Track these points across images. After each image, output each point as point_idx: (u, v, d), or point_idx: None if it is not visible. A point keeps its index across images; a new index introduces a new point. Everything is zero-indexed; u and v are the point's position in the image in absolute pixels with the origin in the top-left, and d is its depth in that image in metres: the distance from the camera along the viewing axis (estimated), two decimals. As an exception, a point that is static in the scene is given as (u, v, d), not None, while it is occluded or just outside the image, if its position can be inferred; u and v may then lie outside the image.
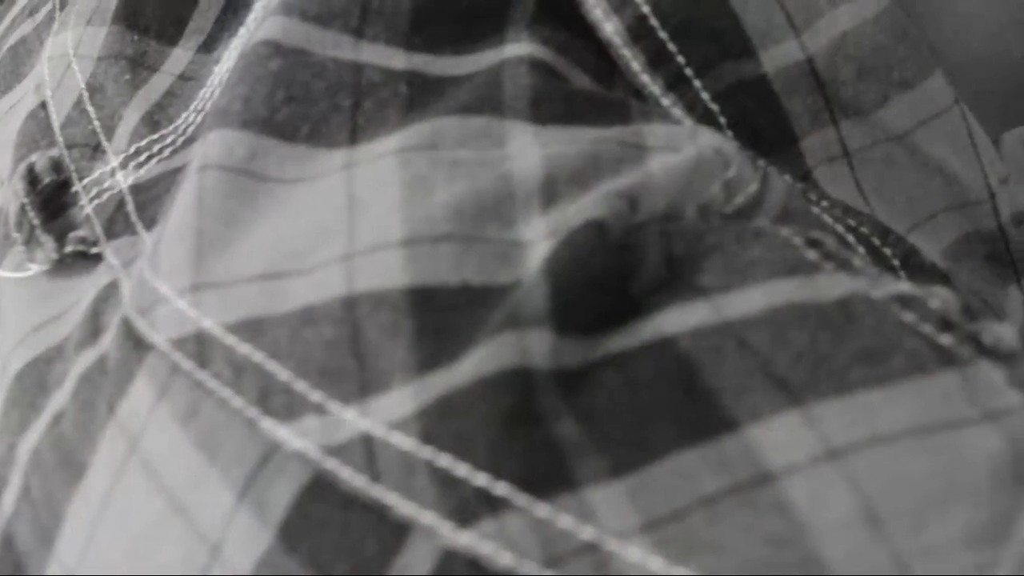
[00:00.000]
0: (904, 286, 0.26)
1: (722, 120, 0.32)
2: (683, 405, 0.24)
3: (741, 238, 0.26)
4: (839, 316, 0.25)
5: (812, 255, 0.26)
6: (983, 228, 0.36)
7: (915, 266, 0.33)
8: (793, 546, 0.22)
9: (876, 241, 0.33)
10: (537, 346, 0.24)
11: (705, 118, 0.32)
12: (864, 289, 0.26)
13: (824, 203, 0.33)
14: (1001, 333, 0.26)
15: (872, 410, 0.23)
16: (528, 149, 0.28)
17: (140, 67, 0.37)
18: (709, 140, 0.29)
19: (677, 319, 0.25)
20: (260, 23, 0.31)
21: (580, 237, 0.25)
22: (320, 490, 0.24)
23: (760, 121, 0.33)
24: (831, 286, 0.25)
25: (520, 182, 0.27)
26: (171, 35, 0.37)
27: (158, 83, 0.36)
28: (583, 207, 0.26)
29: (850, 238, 0.32)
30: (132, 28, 0.37)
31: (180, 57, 0.36)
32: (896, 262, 0.33)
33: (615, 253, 0.25)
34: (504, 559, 0.23)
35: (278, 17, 0.31)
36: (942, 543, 0.22)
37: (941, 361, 0.24)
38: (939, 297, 0.26)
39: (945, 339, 0.25)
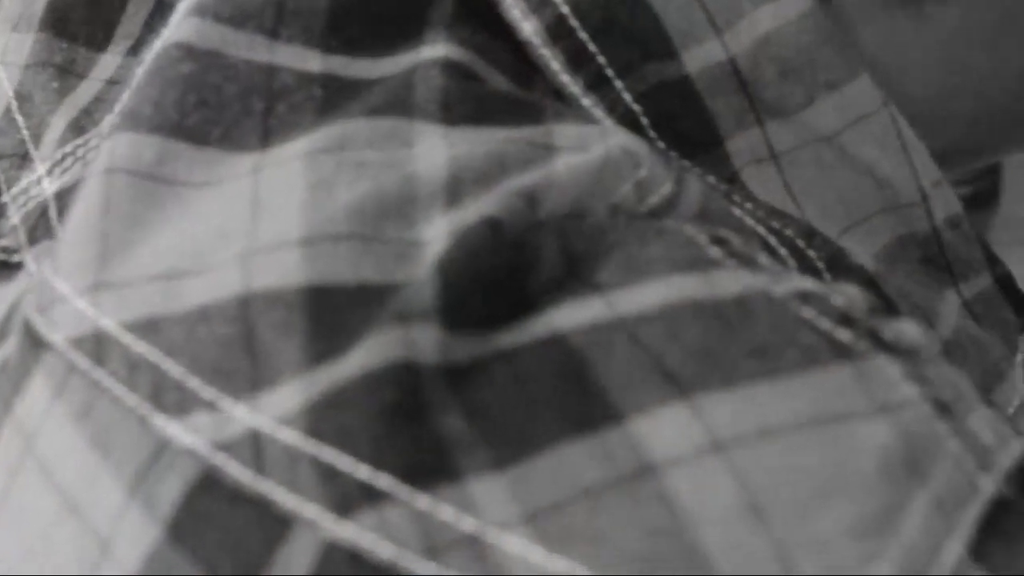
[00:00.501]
0: (807, 283, 0.26)
1: (644, 121, 0.32)
2: (570, 399, 0.23)
3: (643, 236, 0.26)
4: (735, 312, 0.25)
5: (715, 252, 0.26)
6: (917, 231, 0.36)
7: (842, 268, 0.33)
8: (674, 537, 0.22)
9: (801, 243, 0.32)
10: (424, 341, 0.24)
11: (627, 119, 0.32)
12: (764, 286, 0.25)
13: (748, 205, 0.32)
14: (904, 329, 0.26)
15: (761, 403, 0.23)
16: (435, 150, 0.28)
17: (69, 74, 0.37)
18: (619, 140, 0.29)
19: (570, 315, 0.25)
20: (176, 25, 0.31)
21: (474, 234, 0.25)
22: (208, 485, 0.24)
23: (684, 122, 0.33)
24: (730, 282, 0.25)
25: (424, 182, 0.27)
26: (100, 41, 0.37)
27: (86, 90, 0.36)
28: (480, 205, 0.26)
29: (772, 240, 0.32)
30: (60, 35, 0.37)
31: (109, 63, 0.36)
32: (821, 264, 0.33)
33: (510, 250, 0.25)
34: (384, 550, 0.22)
35: (192, 19, 0.31)
36: (826, 534, 0.22)
37: (835, 355, 0.24)
38: (843, 294, 0.26)
39: (843, 334, 0.25)
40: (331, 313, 0.25)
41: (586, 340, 0.24)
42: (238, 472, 0.24)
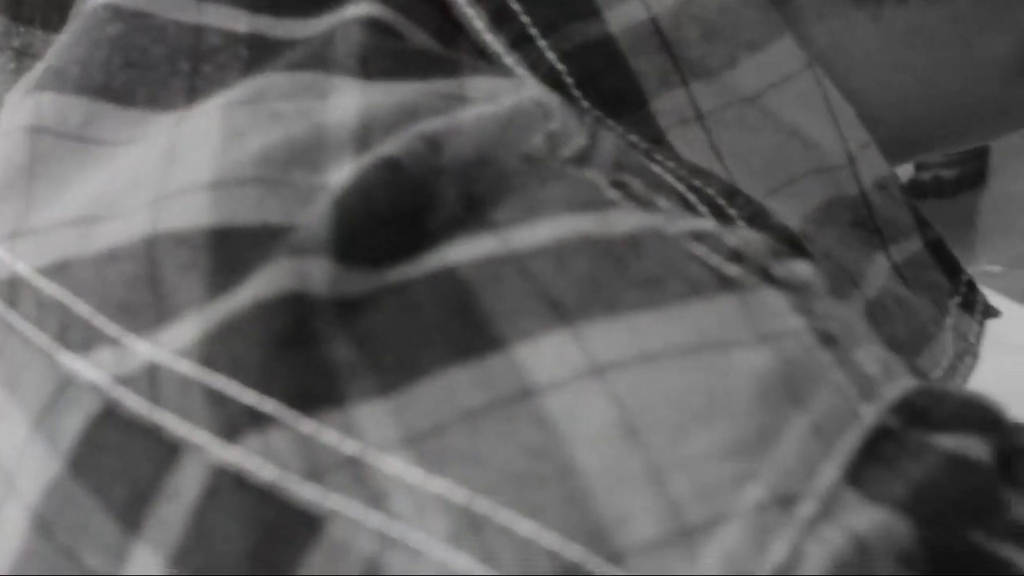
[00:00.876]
0: (702, 224, 0.26)
1: (569, 80, 0.33)
2: (456, 327, 0.24)
3: (544, 179, 0.27)
4: (625, 247, 0.25)
5: (613, 194, 0.27)
6: (845, 193, 0.36)
7: (763, 227, 0.33)
8: (550, 456, 0.22)
9: (721, 201, 0.33)
10: (316, 273, 0.24)
11: (551, 78, 0.33)
12: (659, 225, 0.26)
13: (670, 164, 0.33)
14: (795, 267, 0.26)
15: (642, 330, 0.24)
16: (348, 101, 0.29)
17: (25, 56, 0.38)
18: (531, 93, 0.29)
19: (462, 250, 0.25)
20: None
21: (372, 174, 0.26)
22: (108, 418, 0.25)
23: (608, 82, 0.33)
24: (624, 221, 0.26)
25: (334, 130, 0.28)
26: (55, 22, 0.38)
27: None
28: (382, 147, 0.26)
29: (692, 198, 0.32)
30: (17, 19, 0.38)
31: None
32: (742, 223, 0.33)
33: (409, 191, 0.26)
34: (267, 473, 0.23)
35: None
36: (700, 454, 0.22)
37: (721, 287, 0.25)
38: (739, 235, 0.26)
39: (732, 269, 0.25)
40: (233, 251, 0.26)
41: (476, 273, 0.25)
42: (135, 404, 0.24)
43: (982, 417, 0.25)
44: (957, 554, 0.24)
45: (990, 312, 0.40)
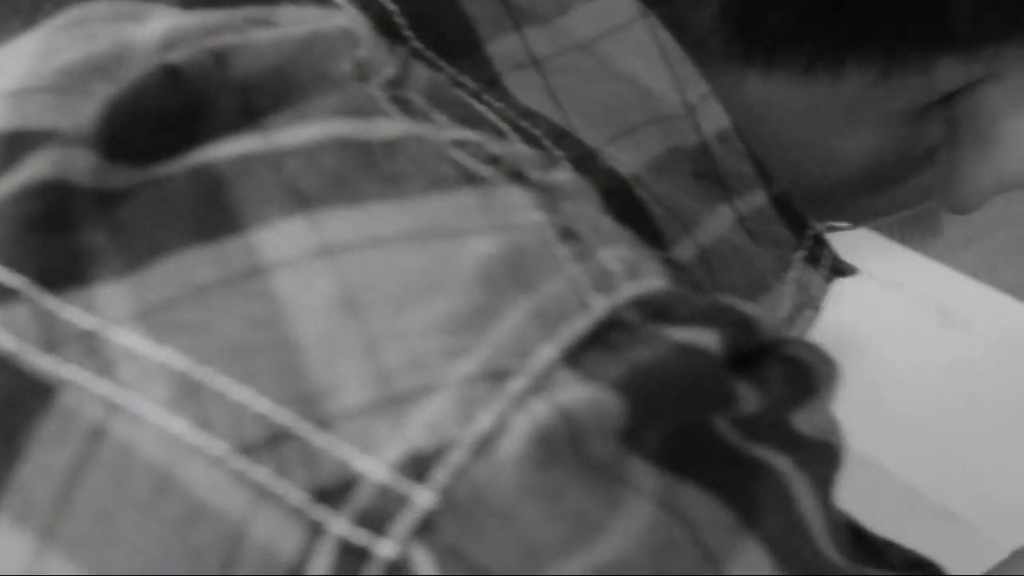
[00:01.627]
0: (470, 134, 0.27)
1: (402, 21, 0.34)
2: (202, 215, 0.25)
3: (326, 92, 0.28)
4: (382, 149, 0.26)
5: (389, 107, 0.27)
6: (686, 143, 0.37)
7: (590, 169, 0.34)
8: (270, 327, 0.23)
9: (547, 143, 0.34)
10: (80, 164, 0.25)
11: (382, 18, 0.34)
12: (424, 132, 0.27)
13: (499, 105, 0.34)
14: (556, 175, 0.27)
15: (377, 218, 0.25)
16: (160, 24, 0.30)
17: None
18: (339, 21, 0.30)
19: (224, 149, 0.26)
20: None
21: (149, 78, 0.27)
22: None
23: (442, 24, 0.34)
24: (388, 127, 0.27)
25: (137, 46, 0.29)
26: None
27: None
28: (165, 55, 0.28)
29: (515, 137, 0.33)
30: None
31: None
32: (568, 164, 0.34)
33: (185, 97, 0.27)
34: (8, 343, 0.24)
35: None
36: (415, 328, 0.23)
37: (465, 182, 0.25)
38: (507, 146, 0.27)
39: (485, 170, 0.26)
40: (17, 150, 0.27)
41: (232, 168, 0.26)
42: None
43: (726, 316, 0.26)
44: (689, 435, 0.24)
45: (843, 269, 0.40)
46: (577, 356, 0.24)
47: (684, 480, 0.24)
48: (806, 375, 0.28)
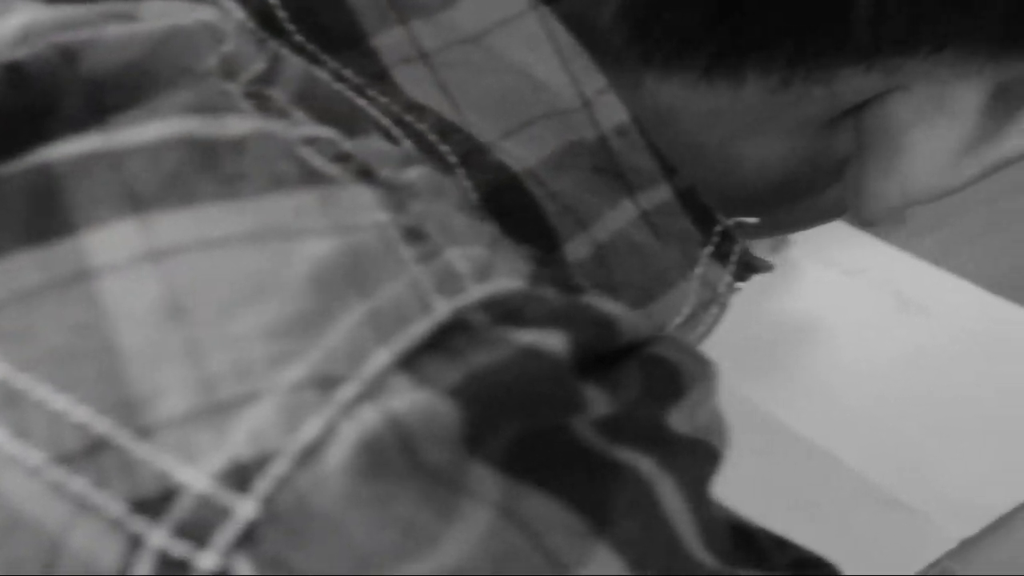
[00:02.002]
0: (324, 131, 0.27)
1: (283, 14, 0.33)
2: (34, 217, 0.24)
3: (174, 83, 0.27)
4: (228, 148, 0.25)
5: (243, 104, 0.27)
6: (584, 138, 0.36)
7: (479, 164, 0.34)
8: (94, 333, 0.23)
9: (433, 138, 0.33)
10: None
11: (264, 12, 0.33)
12: (275, 130, 0.26)
13: (383, 99, 0.33)
14: (409, 173, 0.26)
15: (211, 219, 0.24)
16: (18, 19, 0.29)
17: None
18: (203, 15, 0.30)
19: (65, 148, 0.26)
20: None
21: None
22: None
23: (324, 17, 0.34)
24: (239, 125, 0.26)
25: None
26: None
27: None
28: (10, 52, 0.27)
29: (397, 132, 0.33)
30: None
31: None
32: (454, 159, 0.33)
33: (29, 94, 0.26)
34: None
35: None
36: (242, 334, 0.23)
37: (306, 182, 0.25)
38: (361, 143, 0.26)
39: (331, 168, 0.25)
40: None
41: (69, 168, 0.25)
42: None
43: (583, 317, 0.25)
44: (540, 439, 0.24)
45: (755, 265, 0.40)
46: (413, 361, 0.23)
47: (529, 486, 0.23)
48: (673, 375, 0.27)
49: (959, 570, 0.70)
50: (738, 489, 0.78)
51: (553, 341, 0.24)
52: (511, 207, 0.34)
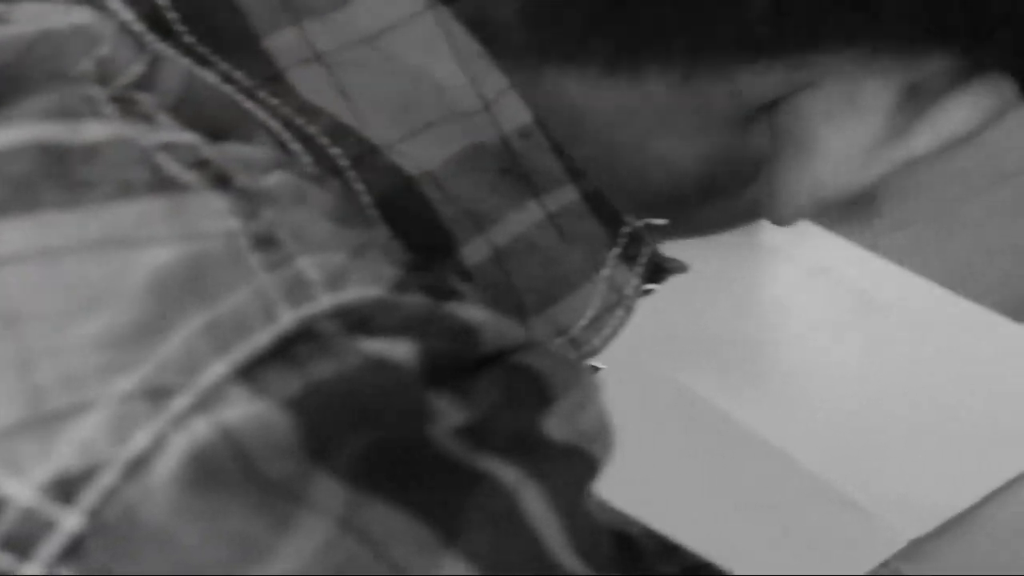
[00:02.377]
0: (184, 137, 0.26)
1: (173, 16, 0.33)
2: None
3: (38, 88, 0.27)
4: (82, 154, 0.25)
5: (106, 108, 0.27)
6: (486, 140, 0.36)
7: (371, 167, 0.33)
8: None
9: (324, 141, 0.33)
10: None
11: (152, 13, 0.33)
12: (134, 135, 0.26)
13: (274, 102, 0.33)
14: (269, 178, 0.26)
15: (52, 227, 0.24)
16: None
17: None
18: (77, 18, 0.29)
19: None
20: None
21: None
22: None
23: (216, 18, 0.33)
24: (97, 131, 0.26)
25: None
26: None
27: None
28: None
29: (286, 135, 0.32)
30: None
31: None
32: (346, 163, 0.33)
33: None
34: None
35: None
36: (74, 344, 0.22)
37: (156, 189, 0.25)
38: (224, 149, 0.26)
39: (186, 175, 0.25)
40: None
41: None
42: None
43: (440, 325, 0.25)
44: (390, 449, 0.23)
45: (666, 266, 0.40)
46: (253, 372, 0.23)
47: (375, 496, 0.23)
48: (538, 382, 0.27)
49: (908, 570, 0.69)
50: (689, 486, 0.78)
51: (402, 350, 0.24)
52: (405, 210, 0.33)
